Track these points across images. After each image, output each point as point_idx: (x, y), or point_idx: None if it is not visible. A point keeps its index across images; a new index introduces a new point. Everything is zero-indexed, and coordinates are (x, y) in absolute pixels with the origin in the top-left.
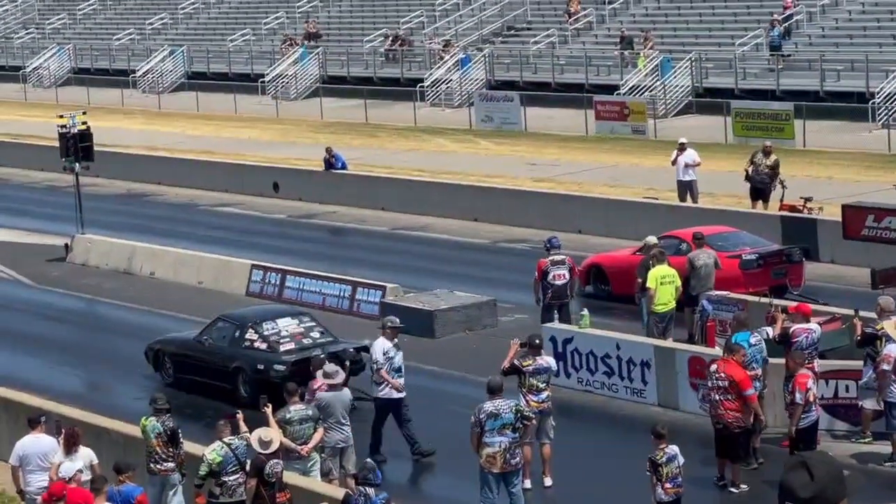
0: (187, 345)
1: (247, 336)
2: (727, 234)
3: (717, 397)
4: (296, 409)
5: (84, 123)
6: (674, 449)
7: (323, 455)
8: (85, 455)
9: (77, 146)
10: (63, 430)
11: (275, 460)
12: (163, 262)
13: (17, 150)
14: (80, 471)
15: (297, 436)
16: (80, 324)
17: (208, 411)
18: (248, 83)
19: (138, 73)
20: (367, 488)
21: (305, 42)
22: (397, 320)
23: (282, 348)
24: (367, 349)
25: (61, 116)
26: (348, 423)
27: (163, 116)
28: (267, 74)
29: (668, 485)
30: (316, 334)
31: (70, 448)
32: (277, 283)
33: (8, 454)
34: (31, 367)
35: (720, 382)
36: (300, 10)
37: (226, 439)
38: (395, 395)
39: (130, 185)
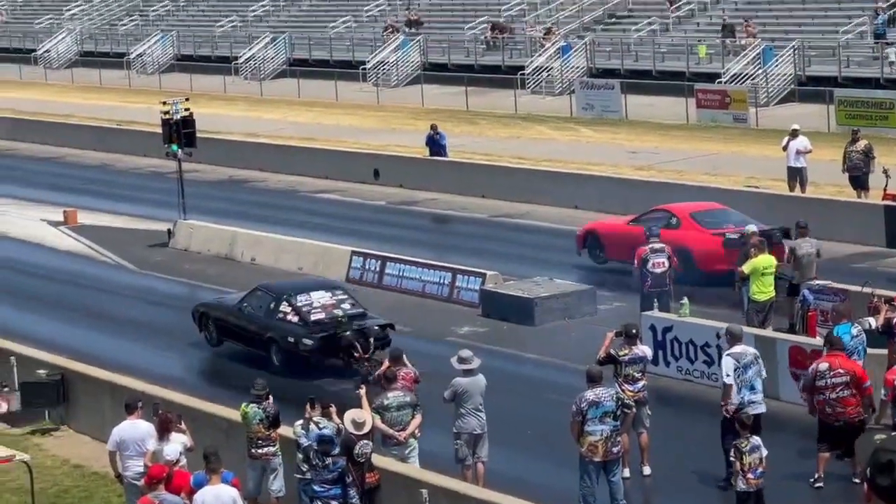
0: (229, 310)
1: (281, 308)
2: (716, 211)
3: (834, 395)
4: (394, 396)
5: (187, 110)
6: (757, 440)
7: (458, 442)
8: (177, 440)
9: (180, 132)
10: (159, 414)
11: (364, 441)
12: (264, 248)
13: (122, 136)
14: (182, 453)
15: (394, 422)
16: (181, 309)
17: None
18: (349, 70)
19: (240, 60)
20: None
21: (407, 29)
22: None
23: (312, 318)
24: (392, 326)
25: (164, 103)
26: (484, 409)
27: (264, 103)
28: (368, 61)
29: (749, 475)
30: (347, 306)
31: (163, 433)
32: (377, 269)
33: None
34: (134, 351)
35: (839, 379)
36: None
37: (315, 418)
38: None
39: (232, 172)
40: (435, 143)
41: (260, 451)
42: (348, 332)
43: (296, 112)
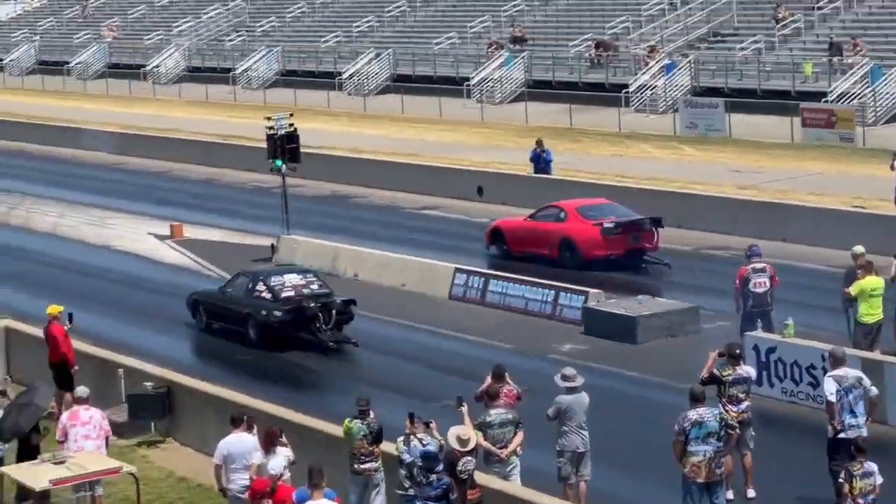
0: (214, 295)
1: (257, 288)
2: (601, 205)
3: None
4: (496, 413)
5: (291, 125)
6: (872, 466)
7: (561, 459)
8: (282, 454)
9: (284, 147)
10: (258, 427)
11: (468, 458)
12: (366, 264)
13: (227, 151)
14: (286, 466)
15: (496, 439)
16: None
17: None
18: (452, 87)
19: (344, 76)
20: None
21: (511, 46)
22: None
23: (283, 295)
24: (354, 302)
25: (269, 118)
26: (587, 427)
27: (368, 119)
28: (472, 78)
29: (859, 500)
30: (315, 286)
31: (269, 447)
32: (480, 286)
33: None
34: (238, 365)
35: None
36: (506, 13)
37: (419, 434)
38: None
39: (335, 187)
40: (541, 160)
41: (363, 466)
42: (313, 306)
43: (399, 128)
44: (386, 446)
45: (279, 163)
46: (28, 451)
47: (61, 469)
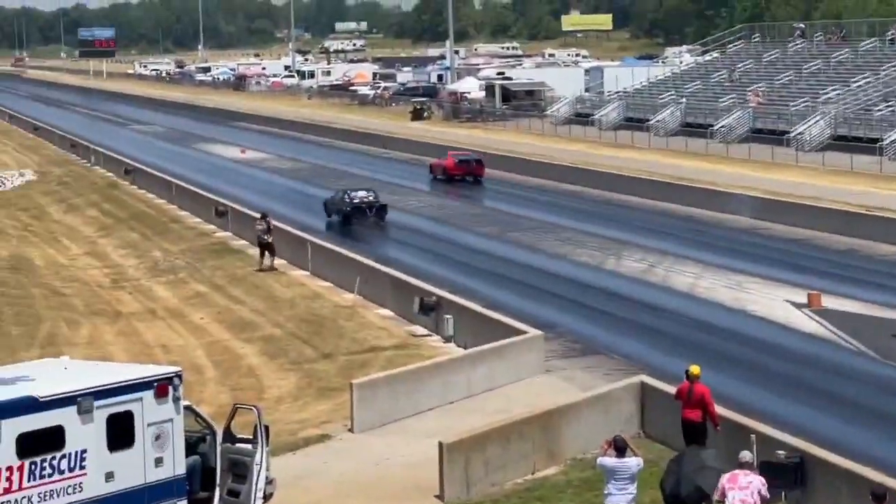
0: (331, 199)
1: (343, 197)
2: (465, 154)
3: None
4: None
5: None
6: None
7: None
8: None
9: None
10: None
11: None
12: None
13: (870, 222)
14: None
15: None
16: None
17: None
18: None
19: None
20: None
21: None
22: None
23: (353, 201)
24: (386, 206)
25: None
26: None
27: None
28: None
29: None
30: (371, 198)
31: None
32: None
33: None
34: (875, 441)
35: None
36: None
37: None
38: None
39: None
40: None
41: None
42: (364, 206)
43: None
44: None
45: None
46: None
47: None
